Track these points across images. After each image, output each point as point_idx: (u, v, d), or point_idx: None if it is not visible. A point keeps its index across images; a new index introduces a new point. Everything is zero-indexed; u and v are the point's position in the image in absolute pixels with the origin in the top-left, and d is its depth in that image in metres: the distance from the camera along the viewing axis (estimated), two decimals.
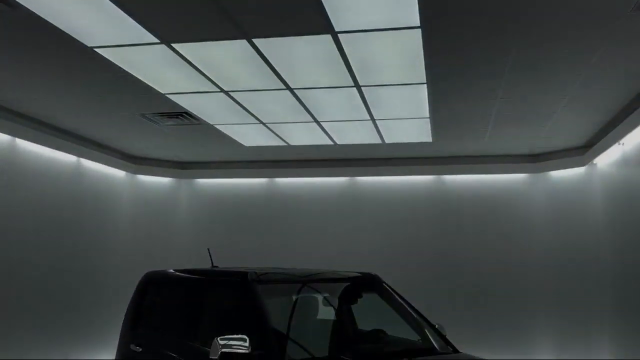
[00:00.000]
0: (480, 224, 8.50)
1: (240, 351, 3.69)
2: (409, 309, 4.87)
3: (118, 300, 8.19)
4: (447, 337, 4.72)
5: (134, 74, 5.26)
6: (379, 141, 7.60)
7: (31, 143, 6.98)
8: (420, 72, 5.10)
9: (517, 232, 8.37)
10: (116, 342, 5.73)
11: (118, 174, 8.87)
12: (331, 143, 7.75)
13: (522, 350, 7.90)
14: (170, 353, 4.68)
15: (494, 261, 8.37)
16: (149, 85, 5.56)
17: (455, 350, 4.55)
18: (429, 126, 6.81)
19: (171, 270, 5.56)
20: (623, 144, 6.38)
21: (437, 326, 4.80)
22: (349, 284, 5.02)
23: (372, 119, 6.57)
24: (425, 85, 5.41)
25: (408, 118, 6.54)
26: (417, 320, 4.78)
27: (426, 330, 4.69)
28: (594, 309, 7.42)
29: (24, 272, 6.82)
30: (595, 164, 7.52)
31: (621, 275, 6.69)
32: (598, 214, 7.40)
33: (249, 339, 3.74)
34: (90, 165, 8.19)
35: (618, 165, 6.73)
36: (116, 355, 5.61)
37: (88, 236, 8.10)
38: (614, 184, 6.92)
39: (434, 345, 4.52)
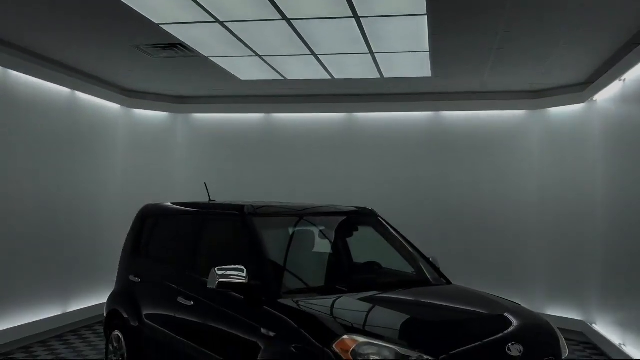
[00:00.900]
0: (478, 161, 8.51)
1: (238, 281, 3.77)
2: (404, 242, 4.95)
3: (115, 236, 8.29)
4: (440, 269, 4.82)
5: (127, 3, 5.11)
6: (377, 76, 7.50)
7: (23, 75, 6.85)
8: (421, 3, 4.97)
9: (514, 169, 8.39)
10: (114, 283, 5.84)
11: (113, 107, 8.77)
12: (329, 77, 7.64)
13: (513, 285, 8.08)
14: (169, 283, 4.78)
15: (490, 198, 8.44)
16: (142, 15, 5.41)
17: (449, 282, 4.66)
18: (428, 60, 6.70)
19: (169, 204, 5.60)
20: (624, 80, 6.30)
21: (431, 259, 4.90)
22: (345, 217, 5.07)
23: (371, 52, 6.44)
24: (426, 17, 5.28)
25: (407, 52, 6.42)
26: (411, 254, 4.86)
27: (420, 263, 4.78)
28: (587, 246, 7.54)
29: (17, 211, 6.82)
30: (595, 101, 7.45)
31: (616, 212, 6.75)
32: (596, 151, 7.40)
33: (246, 270, 3.81)
34: (85, 98, 8.08)
35: (618, 102, 6.68)
36: (115, 286, 5.73)
37: (84, 171, 8.08)
38: (613, 121, 6.88)
39: (427, 277, 4.62)
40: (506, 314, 3.74)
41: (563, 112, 8.03)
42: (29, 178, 7.02)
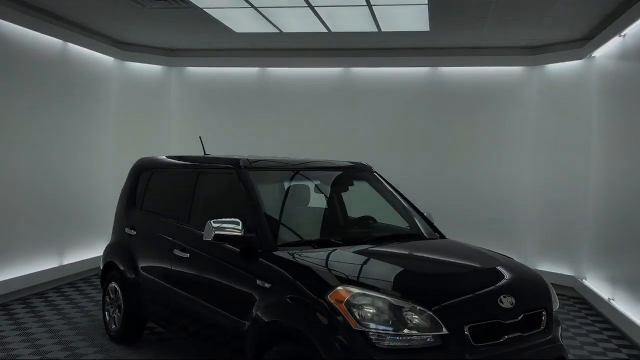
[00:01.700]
0: (475, 117, 8.48)
1: (234, 233, 3.79)
2: (399, 197, 4.97)
3: (110, 190, 8.30)
4: (434, 224, 4.86)
5: None
6: (374, 29, 7.37)
7: (14, 25, 6.70)
8: None
9: (511, 125, 8.36)
10: (109, 237, 5.87)
11: (106, 59, 8.63)
12: (325, 31, 7.52)
13: (506, 240, 8.16)
14: (165, 236, 4.80)
15: (485, 154, 8.45)
16: None
17: (442, 237, 4.71)
18: (426, 13, 6.58)
19: (163, 157, 5.58)
20: (624, 35, 6.23)
21: (425, 214, 4.93)
22: (340, 172, 5.07)
23: (368, 4, 6.32)
24: None
25: (405, 4, 6.30)
26: (406, 209, 4.89)
27: (415, 218, 4.82)
28: (579, 203, 7.59)
29: (10, 166, 6.78)
30: (594, 57, 7.38)
31: (610, 171, 6.78)
32: (593, 108, 7.37)
33: (242, 223, 3.83)
34: (77, 50, 7.94)
35: (617, 58, 6.61)
36: (111, 238, 5.77)
37: (77, 125, 8.01)
38: (611, 78, 6.83)
39: (421, 231, 4.66)
40: (498, 267, 3.79)
41: (561, 68, 7.96)
42: (22, 133, 6.95)
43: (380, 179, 5.07)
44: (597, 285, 6.97)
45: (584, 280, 7.42)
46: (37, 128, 7.19)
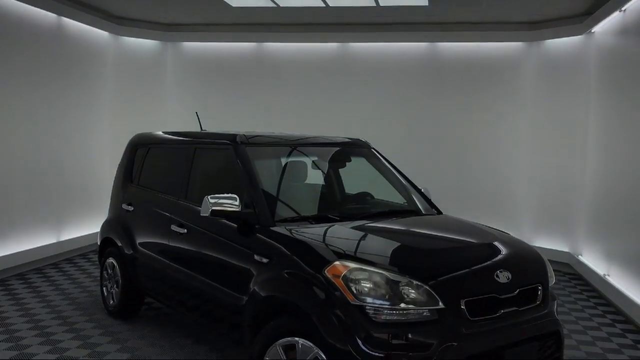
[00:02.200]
0: (473, 92, 8.43)
1: (231, 209, 3.79)
2: (396, 173, 4.97)
3: (107, 166, 8.29)
4: (432, 200, 4.86)
5: None
6: (373, 4, 7.29)
7: None
8: None
9: (509, 101, 8.33)
10: (106, 212, 5.86)
11: (101, 34, 8.53)
12: (323, 5, 7.43)
13: (502, 217, 8.19)
14: (162, 212, 4.80)
15: (483, 130, 8.43)
16: None
17: (439, 212, 4.71)
18: None
19: (160, 133, 5.55)
20: (624, 10, 6.17)
21: (423, 190, 4.93)
22: (338, 148, 5.05)
23: None
24: None
25: None
26: (403, 185, 4.89)
27: (412, 194, 4.82)
28: (576, 179, 7.60)
29: (7, 143, 6.74)
30: (593, 33, 7.33)
31: (607, 147, 6.78)
32: (591, 84, 7.34)
33: (239, 198, 3.82)
34: (72, 24, 7.84)
35: (616, 34, 6.56)
36: (108, 214, 5.77)
37: (74, 101, 7.96)
38: (611, 54, 6.79)
39: (419, 207, 4.67)
40: (495, 242, 3.80)
41: (560, 44, 7.90)
42: (16, 110, 6.90)
43: (378, 155, 5.05)
44: (593, 262, 7.02)
45: (579, 256, 7.47)
46: (31, 104, 7.14)
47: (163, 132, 5.52)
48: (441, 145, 8.56)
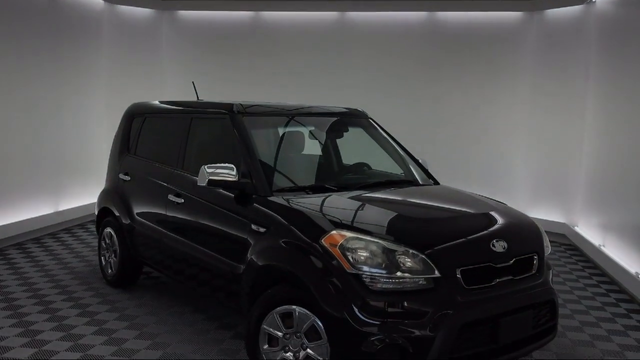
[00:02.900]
0: (472, 62, 8.37)
1: (228, 179, 3.78)
2: (394, 144, 4.95)
3: (104, 135, 8.25)
4: (429, 171, 4.86)
5: None
6: None
7: None
8: None
9: (508, 72, 8.27)
10: (103, 183, 5.85)
11: (96, 3, 8.39)
12: None
13: (499, 187, 8.20)
14: (159, 181, 4.80)
15: (482, 100, 8.38)
16: None
17: (436, 183, 4.71)
18: None
19: (156, 102, 5.51)
20: None
21: (420, 161, 4.92)
22: (335, 118, 5.03)
23: None
24: None
25: None
26: (401, 155, 4.88)
27: (409, 165, 4.81)
28: (573, 149, 7.59)
29: (1, 113, 6.69)
30: (594, 2, 7.24)
31: (605, 118, 6.75)
32: (591, 54, 7.27)
33: (236, 168, 3.82)
34: None
35: (617, 4, 6.48)
36: (105, 184, 5.76)
37: (67, 70, 7.87)
38: (611, 24, 6.71)
39: (416, 177, 4.66)
40: (492, 212, 3.81)
41: (560, 13, 7.81)
42: (11, 80, 6.84)
43: (376, 125, 5.03)
44: (589, 232, 7.06)
45: (575, 227, 7.50)
46: (26, 75, 7.07)
47: (159, 102, 5.48)
48: (439, 115, 8.52)
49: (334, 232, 3.24)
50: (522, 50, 8.18)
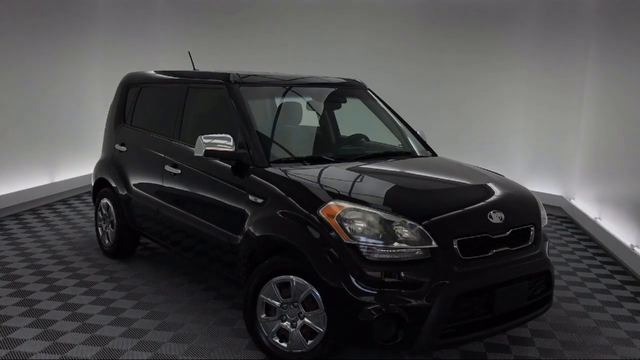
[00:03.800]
0: (469, 36, 8.27)
1: (225, 149, 3.76)
2: (392, 115, 4.92)
3: (99, 106, 8.19)
4: (427, 142, 4.84)
5: None
6: None
7: None
8: None
9: (505, 44, 8.18)
10: (98, 155, 5.81)
11: None
12: None
13: (496, 162, 8.18)
14: (155, 152, 4.77)
15: (481, 72, 8.30)
16: None
17: (434, 154, 4.70)
18: None
19: (152, 72, 5.45)
20: None
21: (418, 132, 4.90)
22: (333, 89, 4.98)
23: None
24: None
25: None
26: (399, 127, 4.86)
27: (407, 136, 4.79)
28: (570, 121, 7.57)
29: None
30: None
31: (605, 91, 6.72)
32: (591, 27, 7.21)
33: (233, 139, 3.79)
34: None
35: None
36: (102, 155, 5.72)
37: (63, 41, 7.77)
38: None
39: (414, 149, 4.65)
40: (489, 184, 3.81)
41: None
42: (7, 52, 6.76)
43: (374, 96, 4.99)
44: (585, 205, 7.08)
45: (572, 200, 7.52)
46: (21, 46, 6.98)
47: (155, 72, 5.42)
48: (438, 87, 8.46)
49: (331, 203, 3.23)
50: (522, 24, 8.08)
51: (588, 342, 3.90)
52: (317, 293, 3.20)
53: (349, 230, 3.10)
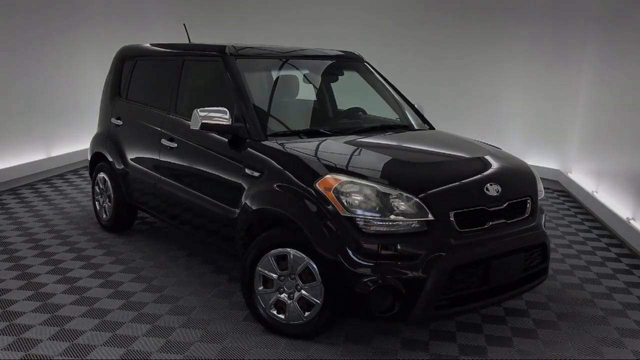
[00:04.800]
0: (469, 10, 8.18)
1: (221, 123, 3.74)
2: (389, 88, 4.89)
3: (94, 80, 8.12)
4: (424, 116, 4.82)
5: None
6: None
7: None
8: None
9: (504, 21, 8.08)
10: (94, 129, 5.78)
11: None
12: None
13: (492, 135, 8.17)
14: (151, 126, 4.74)
15: (478, 49, 8.24)
16: None
17: (431, 128, 4.69)
18: None
19: (147, 45, 5.39)
20: None
21: (416, 106, 4.88)
22: (330, 62, 4.94)
23: None
24: None
25: None
26: (396, 100, 4.83)
27: (405, 110, 4.77)
28: (568, 96, 7.53)
29: None
30: None
31: (603, 66, 6.67)
32: (591, 4, 7.15)
33: (229, 112, 3.77)
34: None
35: None
36: (98, 129, 5.69)
37: (58, 15, 7.67)
38: None
39: (411, 122, 4.63)
40: (486, 156, 3.80)
41: None
42: (4, 27, 6.68)
43: (371, 69, 4.96)
44: (582, 179, 7.09)
45: (569, 173, 7.53)
46: (16, 22, 6.90)
47: (150, 44, 5.36)
48: (436, 61, 8.40)
49: (328, 176, 3.23)
50: (522, 2, 8.00)
51: (583, 313, 3.94)
52: (314, 265, 3.22)
53: (345, 203, 3.10)
